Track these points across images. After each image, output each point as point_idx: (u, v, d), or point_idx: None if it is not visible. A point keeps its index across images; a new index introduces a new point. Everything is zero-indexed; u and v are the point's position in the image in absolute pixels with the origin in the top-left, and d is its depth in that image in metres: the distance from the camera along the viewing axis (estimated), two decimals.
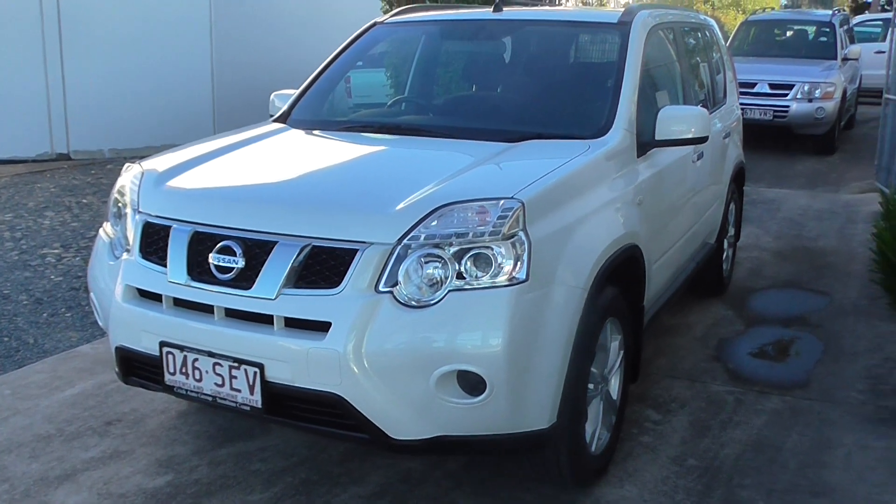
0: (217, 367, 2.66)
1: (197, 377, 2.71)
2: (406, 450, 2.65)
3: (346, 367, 2.49)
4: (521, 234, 2.58)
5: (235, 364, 2.62)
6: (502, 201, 2.60)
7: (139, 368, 2.92)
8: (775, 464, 3.36)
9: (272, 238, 2.64)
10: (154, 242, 2.88)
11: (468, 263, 2.54)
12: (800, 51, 12.03)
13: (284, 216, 2.69)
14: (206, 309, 2.71)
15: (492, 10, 4.12)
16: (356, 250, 2.55)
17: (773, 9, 15.70)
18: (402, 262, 2.54)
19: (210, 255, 2.69)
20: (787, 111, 10.53)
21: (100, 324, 3.25)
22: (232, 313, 2.68)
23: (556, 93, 3.76)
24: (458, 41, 4.30)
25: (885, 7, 34.31)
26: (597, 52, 3.98)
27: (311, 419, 2.64)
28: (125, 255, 2.96)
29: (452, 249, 2.54)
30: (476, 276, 2.54)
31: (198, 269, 2.72)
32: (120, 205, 3.15)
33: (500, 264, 2.54)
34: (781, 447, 3.49)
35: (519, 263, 2.56)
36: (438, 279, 2.53)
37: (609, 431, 3.23)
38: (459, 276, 2.54)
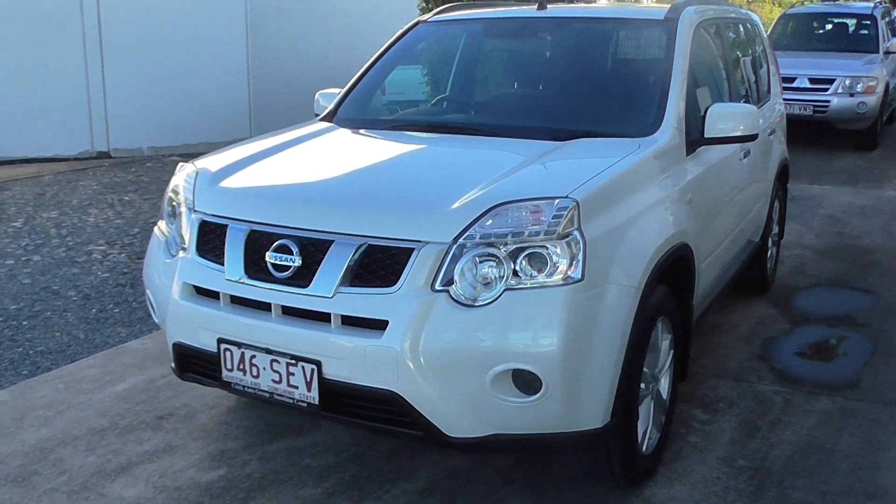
0: (275, 363, 2.70)
1: (254, 374, 2.75)
2: (460, 447, 2.66)
3: (403, 364, 2.51)
4: (576, 233, 2.58)
5: (293, 361, 2.66)
6: (557, 200, 2.61)
7: (196, 365, 2.97)
8: (827, 466, 3.34)
9: (328, 237, 2.67)
10: (211, 241, 2.92)
11: (523, 262, 2.55)
12: (840, 44, 11.85)
13: (341, 216, 2.71)
14: (264, 306, 2.75)
15: (536, 7, 4.12)
16: (412, 249, 2.57)
17: (811, 1, 15.47)
18: (457, 261, 2.55)
19: (267, 253, 2.73)
20: (827, 106, 10.40)
21: (155, 320, 3.30)
22: (289, 311, 2.71)
23: (604, 91, 3.75)
24: (502, 39, 4.30)
25: None
26: (644, 49, 3.96)
27: (366, 416, 2.67)
28: (181, 254, 3.01)
29: (507, 248, 2.55)
30: (531, 276, 2.55)
31: (255, 268, 2.76)
32: (175, 204, 3.20)
33: (555, 263, 2.55)
34: (833, 449, 3.46)
35: (574, 263, 2.56)
36: (493, 278, 2.54)
37: (659, 431, 3.23)
38: (514, 275, 2.55)
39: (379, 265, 2.60)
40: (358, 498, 3.08)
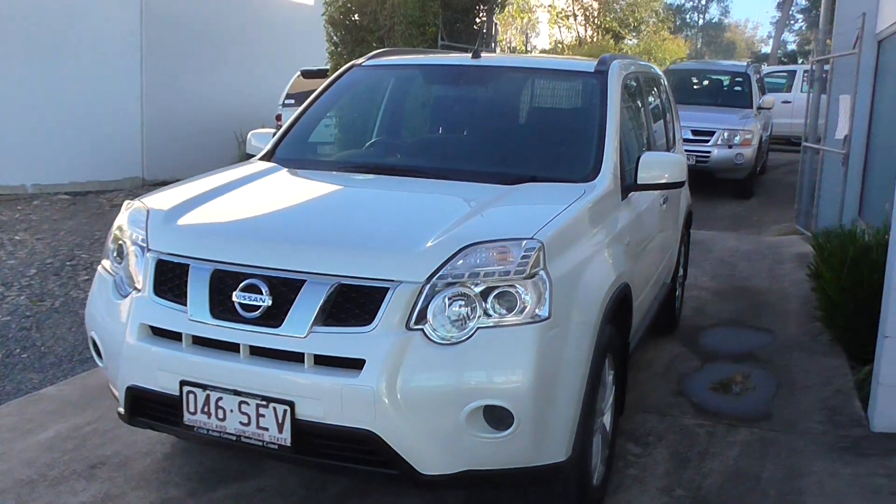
0: (243, 405, 2.66)
1: (220, 416, 2.70)
2: (434, 485, 2.69)
3: (381, 403, 2.53)
4: (542, 272, 2.69)
5: (264, 402, 2.63)
6: (524, 241, 2.71)
7: (152, 409, 2.88)
8: (756, 492, 3.54)
9: (300, 277, 2.67)
10: (169, 280, 2.86)
11: (493, 301, 2.64)
12: (717, 99, 12.70)
13: (314, 255, 2.72)
14: (230, 347, 2.71)
15: (470, 56, 4.27)
16: (386, 289, 2.61)
17: (682, 59, 16.55)
18: (430, 300, 2.61)
19: (234, 293, 2.70)
20: (708, 156, 11.08)
21: (99, 364, 3.17)
22: (258, 351, 2.68)
23: (544, 138, 3.92)
24: (439, 85, 4.42)
25: (783, 60, 36.58)
26: (578, 99, 4.16)
27: (339, 456, 2.66)
28: (134, 294, 2.93)
29: (478, 288, 2.63)
30: (501, 314, 2.63)
31: (220, 307, 2.72)
32: (121, 242, 3.12)
33: (524, 302, 2.65)
34: (759, 476, 3.67)
35: (541, 301, 2.66)
36: (466, 317, 2.61)
37: (604, 464, 3.35)
38: (485, 313, 2.63)
39: (353, 304, 2.63)
40: None
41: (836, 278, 5.23)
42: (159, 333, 2.83)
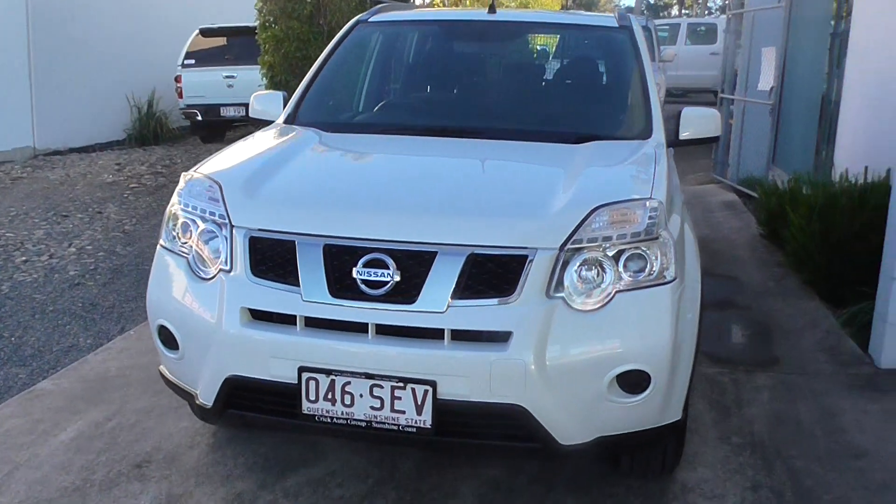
0: (375, 388, 2.48)
1: (347, 402, 2.51)
2: (570, 454, 2.62)
3: (531, 375, 2.43)
4: (665, 232, 2.66)
5: (400, 384, 2.46)
6: (647, 202, 2.66)
7: (255, 400, 2.65)
8: (804, 434, 3.68)
9: (430, 249, 2.50)
10: (267, 259, 2.62)
11: (626, 264, 2.58)
12: None
13: (446, 226, 2.56)
14: (352, 328, 2.52)
15: (487, 10, 4.13)
16: (525, 256, 2.50)
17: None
18: (566, 266, 2.52)
19: (353, 269, 2.51)
20: None
21: (169, 356, 2.88)
22: (385, 330, 2.51)
23: (589, 95, 3.85)
24: (461, 42, 4.25)
25: (643, 12, 37.78)
26: (611, 56, 4.09)
27: (482, 434, 2.54)
28: (222, 275, 2.67)
29: (611, 252, 2.56)
30: (635, 277, 2.58)
31: (338, 286, 2.52)
32: (184, 219, 2.83)
33: (653, 263, 2.60)
34: (799, 419, 3.82)
35: (668, 261, 2.63)
36: (603, 281, 2.54)
37: None
38: (619, 277, 2.57)
39: (489, 275, 2.50)
40: None
41: (807, 225, 5.49)
42: (263, 317, 2.59)
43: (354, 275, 2.51)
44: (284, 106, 3.90)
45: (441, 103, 3.98)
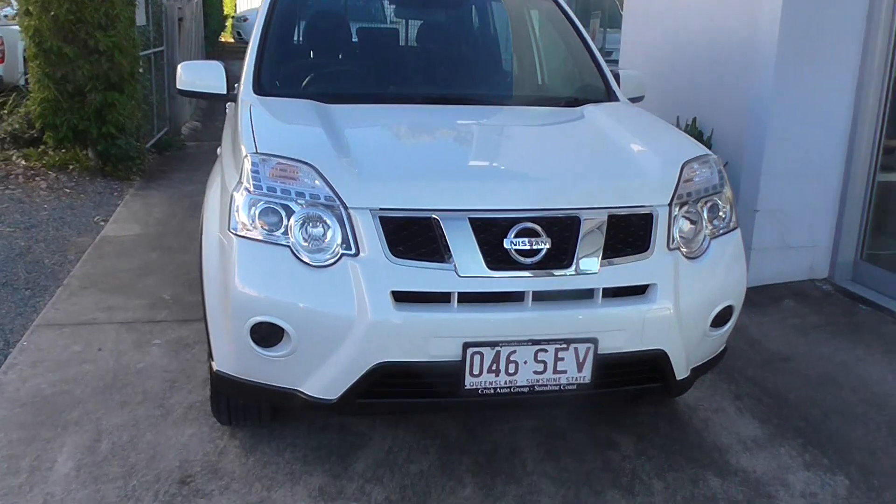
0: (540, 353, 2.53)
1: (511, 371, 2.53)
2: (680, 388, 2.88)
3: (672, 322, 2.66)
4: (727, 184, 3.02)
5: (563, 345, 2.54)
6: (712, 157, 2.98)
7: (407, 385, 2.56)
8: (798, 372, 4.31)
9: (574, 214, 2.59)
10: (405, 238, 2.52)
11: (710, 214, 2.89)
12: None
13: (588, 190, 2.66)
14: (509, 297, 2.54)
15: None
16: (650, 214, 2.69)
17: None
18: (675, 220, 2.77)
19: (504, 240, 2.52)
20: None
21: (266, 356, 2.60)
22: (540, 296, 2.56)
23: (548, 61, 4.02)
24: (403, 8, 4.16)
25: None
26: (549, 22, 4.23)
27: (625, 381, 2.72)
28: (348, 260, 2.50)
29: (699, 204, 2.85)
30: (717, 226, 2.90)
31: (491, 257, 2.52)
32: (276, 205, 2.59)
33: (725, 212, 2.94)
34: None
35: (732, 209, 2.99)
36: (699, 231, 2.83)
37: None
38: (707, 227, 2.87)
39: (624, 233, 2.66)
40: (510, 480, 3.02)
41: None
42: (409, 299, 2.50)
43: (507, 245, 2.52)
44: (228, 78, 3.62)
45: (420, 71, 3.91)
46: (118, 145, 7.31)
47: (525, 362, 2.55)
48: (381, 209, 2.54)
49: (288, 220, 2.58)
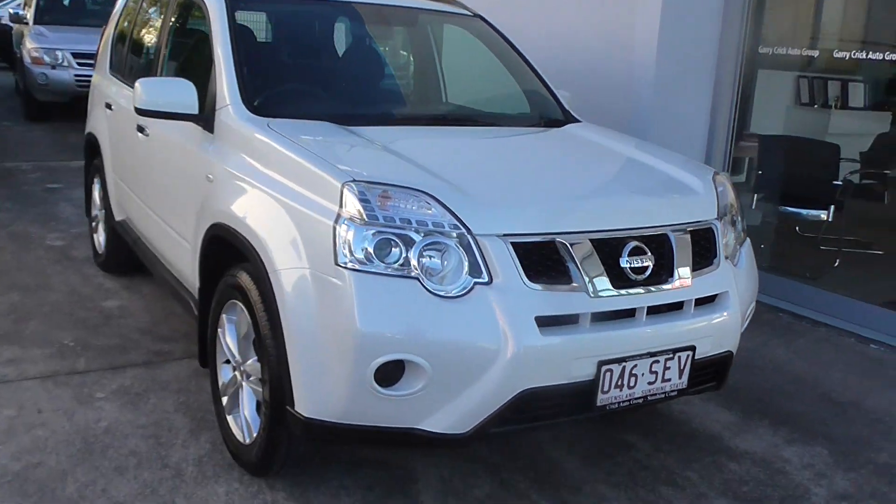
0: (654, 364, 2.68)
1: (631, 384, 2.65)
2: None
3: (738, 325, 2.95)
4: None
5: (670, 355, 2.70)
6: (723, 174, 3.32)
7: (543, 409, 2.56)
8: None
9: (663, 231, 2.77)
10: (535, 262, 2.52)
11: (733, 223, 3.21)
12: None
13: (673, 208, 2.87)
14: (626, 314, 2.66)
15: None
16: (711, 228, 2.95)
17: None
18: (723, 232, 3.05)
19: (619, 259, 2.63)
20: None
21: (389, 396, 2.44)
22: (650, 310, 2.70)
23: (497, 82, 4.11)
24: (344, 22, 4.00)
25: None
26: (479, 44, 4.27)
27: (702, 381, 2.93)
28: (482, 287, 2.46)
29: (728, 215, 3.17)
30: (738, 232, 3.23)
31: (613, 276, 2.62)
32: (395, 235, 2.46)
33: (741, 222, 3.28)
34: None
35: (743, 221, 3.34)
36: (735, 240, 3.14)
37: None
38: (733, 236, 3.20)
39: (697, 247, 2.88)
40: (573, 490, 3.12)
41: None
42: (549, 323, 2.51)
43: (623, 264, 2.64)
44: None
45: (399, 94, 3.78)
46: None
47: (642, 374, 2.68)
48: (509, 234, 2.52)
49: (408, 251, 2.46)
